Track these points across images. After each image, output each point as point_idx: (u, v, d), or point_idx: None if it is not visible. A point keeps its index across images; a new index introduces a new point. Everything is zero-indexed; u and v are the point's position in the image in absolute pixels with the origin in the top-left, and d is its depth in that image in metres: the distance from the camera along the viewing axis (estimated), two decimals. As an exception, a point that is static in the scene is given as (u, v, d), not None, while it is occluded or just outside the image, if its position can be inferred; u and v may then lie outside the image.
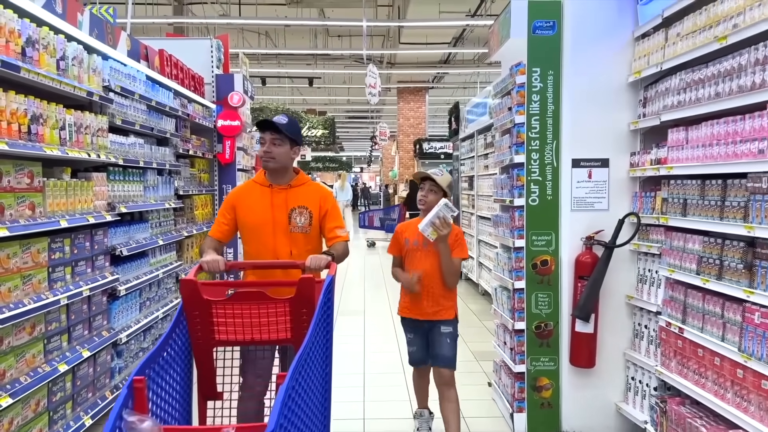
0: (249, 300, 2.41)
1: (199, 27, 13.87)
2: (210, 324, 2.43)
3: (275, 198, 2.97)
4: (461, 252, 3.37)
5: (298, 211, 2.97)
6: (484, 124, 7.85)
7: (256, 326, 2.44)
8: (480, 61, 17.30)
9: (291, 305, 2.40)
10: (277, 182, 3.01)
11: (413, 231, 3.37)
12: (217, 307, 2.41)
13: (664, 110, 3.24)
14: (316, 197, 3.03)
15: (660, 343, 3.31)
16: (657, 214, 3.33)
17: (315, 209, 3.00)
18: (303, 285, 2.35)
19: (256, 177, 3.08)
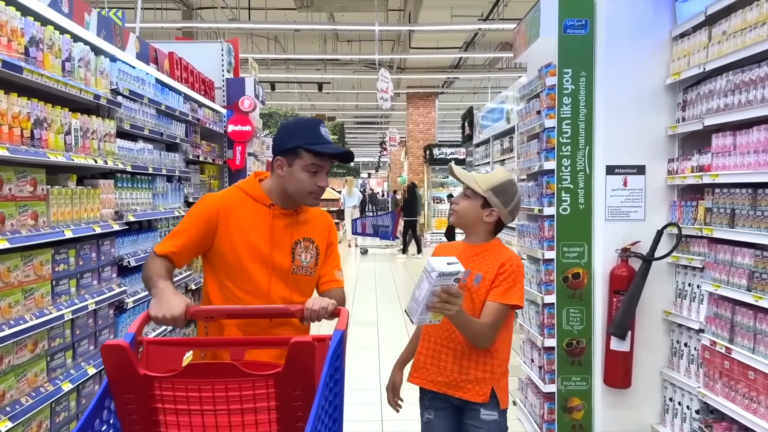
0: (212, 375, 1.51)
1: (208, 32, 13.76)
2: (151, 414, 1.55)
3: (277, 225, 2.12)
4: (512, 296, 2.13)
5: (303, 245, 2.16)
6: (499, 130, 7.66)
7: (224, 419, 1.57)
8: (491, 65, 17.12)
9: (278, 384, 1.52)
10: (282, 203, 2.14)
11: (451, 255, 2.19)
12: (163, 389, 1.53)
13: (708, 114, 3.03)
14: (325, 228, 2.25)
15: (702, 363, 3.09)
16: (699, 225, 3.11)
17: (323, 244, 2.22)
18: (296, 352, 1.45)
19: (246, 187, 2.18)
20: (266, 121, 17.11)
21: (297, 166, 2.08)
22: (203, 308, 1.87)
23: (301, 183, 2.09)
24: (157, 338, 1.93)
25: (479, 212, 2.22)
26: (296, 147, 2.07)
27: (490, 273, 2.15)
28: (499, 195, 2.21)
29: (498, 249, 2.24)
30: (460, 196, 2.28)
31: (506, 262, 2.16)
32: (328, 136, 2.12)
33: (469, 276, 2.16)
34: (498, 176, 2.24)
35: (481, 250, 2.24)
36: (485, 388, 2.17)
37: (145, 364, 1.63)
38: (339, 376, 1.66)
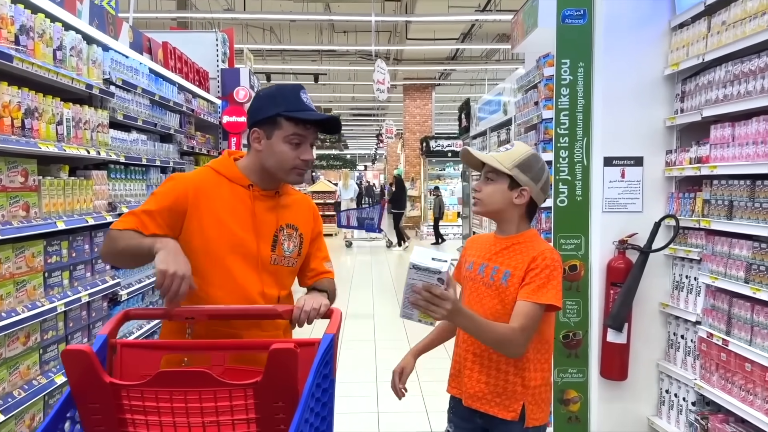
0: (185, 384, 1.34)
1: (202, 22, 13.65)
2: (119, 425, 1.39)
3: (258, 208, 1.86)
4: (545, 293, 1.83)
5: (286, 232, 1.90)
6: (497, 122, 7.61)
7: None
8: (488, 57, 17.05)
9: (258, 394, 1.35)
10: (262, 183, 1.88)
11: (479, 249, 2.04)
12: (131, 398, 1.36)
13: (707, 105, 3.01)
14: (309, 214, 2.01)
15: (699, 355, 3.08)
16: (697, 217, 3.10)
17: (307, 232, 1.97)
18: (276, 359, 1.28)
19: (220, 166, 1.90)
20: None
21: (277, 138, 1.81)
22: (184, 308, 1.67)
23: (282, 156, 1.81)
24: (133, 341, 1.74)
25: (507, 195, 1.91)
26: (275, 115, 1.80)
27: (519, 269, 1.86)
28: (526, 171, 1.90)
29: (532, 241, 1.93)
30: (482, 181, 1.97)
31: (538, 255, 1.85)
32: (310, 103, 1.85)
33: (497, 273, 1.91)
34: (521, 151, 1.94)
35: (513, 242, 1.93)
36: (515, 403, 1.87)
37: (120, 370, 1.52)
38: (328, 384, 1.50)
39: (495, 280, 1.91)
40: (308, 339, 1.50)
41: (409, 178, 18.85)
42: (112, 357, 1.51)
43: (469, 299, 1.99)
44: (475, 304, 1.95)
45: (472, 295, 1.97)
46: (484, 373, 1.91)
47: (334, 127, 1.90)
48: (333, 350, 1.49)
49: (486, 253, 1.99)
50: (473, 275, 2.00)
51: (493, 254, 1.95)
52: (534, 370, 1.89)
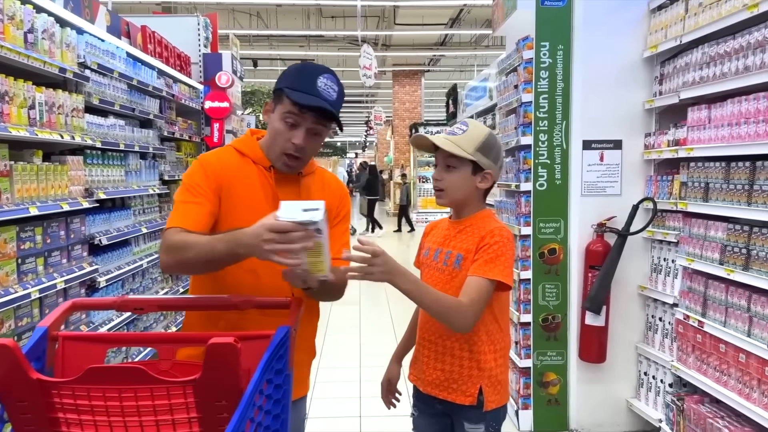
0: (118, 381, 1.23)
1: (188, 7, 13.49)
2: (51, 425, 1.30)
3: (281, 190, 1.72)
4: (492, 269, 1.76)
5: None
6: (482, 107, 7.59)
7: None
8: (477, 43, 16.98)
9: (198, 392, 1.24)
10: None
11: (435, 234, 1.99)
12: (62, 396, 1.27)
13: (684, 87, 3.00)
14: (336, 194, 1.85)
15: (676, 337, 3.10)
16: (674, 200, 3.10)
17: (331, 211, 1.77)
18: (214, 355, 1.19)
19: (243, 146, 1.79)
20: (248, 99, 16.89)
21: (277, 112, 1.70)
22: (133, 298, 1.61)
23: (275, 134, 1.69)
24: (75, 333, 1.61)
25: (471, 181, 1.82)
26: (281, 88, 1.69)
27: (471, 251, 1.80)
28: (487, 153, 1.81)
29: (484, 221, 1.85)
30: (441, 169, 1.84)
31: (487, 234, 1.78)
32: (326, 91, 1.67)
33: (450, 258, 1.84)
34: (479, 132, 1.83)
35: (466, 225, 1.86)
36: (472, 387, 1.83)
37: (62, 365, 1.44)
38: (282, 380, 1.37)
39: (448, 264, 1.85)
40: (262, 332, 1.40)
41: (399, 165, 18.82)
42: (53, 351, 1.43)
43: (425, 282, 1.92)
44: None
45: (427, 282, 1.88)
46: (439, 360, 1.87)
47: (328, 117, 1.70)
48: (288, 343, 1.38)
49: (440, 238, 1.93)
50: (429, 261, 1.94)
51: (447, 239, 1.89)
52: (488, 352, 1.84)
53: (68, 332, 1.49)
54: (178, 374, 1.41)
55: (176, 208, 1.67)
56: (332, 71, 1.71)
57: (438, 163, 1.86)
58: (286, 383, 1.38)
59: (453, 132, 1.84)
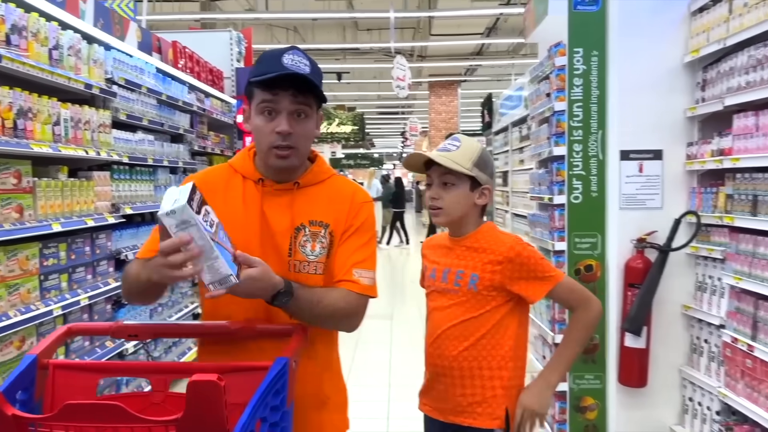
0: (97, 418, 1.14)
1: (227, 23, 13.70)
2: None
3: (269, 205, 1.56)
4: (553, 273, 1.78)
5: (309, 231, 1.56)
6: (518, 116, 7.43)
7: None
8: (515, 52, 16.75)
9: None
10: (276, 176, 1.59)
11: (437, 253, 1.89)
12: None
13: (729, 93, 2.81)
14: (347, 203, 1.61)
15: (723, 360, 2.89)
16: (720, 213, 2.90)
17: (339, 225, 1.59)
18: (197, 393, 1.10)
19: (236, 160, 1.65)
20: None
21: (253, 111, 1.54)
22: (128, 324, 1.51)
23: (258, 133, 1.52)
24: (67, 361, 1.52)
25: (470, 197, 1.79)
26: (248, 84, 1.54)
27: (489, 272, 1.73)
28: (484, 168, 1.80)
29: (492, 235, 1.79)
30: (438, 187, 1.78)
31: (513, 256, 1.72)
32: (296, 64, 1.49)
33: (463, 278, 1.75)
34: (473, 147, 1.80)
35: (472, 242, 1.80)
36: (498, 409, 1.74)
37: (51, 394, 1.37)
38: (279, 417, 1.26)
39: (461, 285, 1.78)
40: (259, 363, 1.30)
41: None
42: (44, 379, 1.36)
43: (434, 309, 1.86)
44: (441, 313, 1.82)
45: (437, 304, 1.84)
46: (458, 385, 1.77)
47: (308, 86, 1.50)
48: (287, 376, 1.27)
49: (445, 257, 1.84)
50: (437, 284, 1.86)
51: (453, 257, 1.82)
52: (512, 369, 1.78)
53: (60, 360, 1.41)
54: (171, 407, 1.34)
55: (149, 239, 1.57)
56: (298, 48, 1.54)
57: (433, 181, 1.82)
58: (284, 421, 1.27)
59: (446, 148, 1.79)
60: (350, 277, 1.54)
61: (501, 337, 1.78)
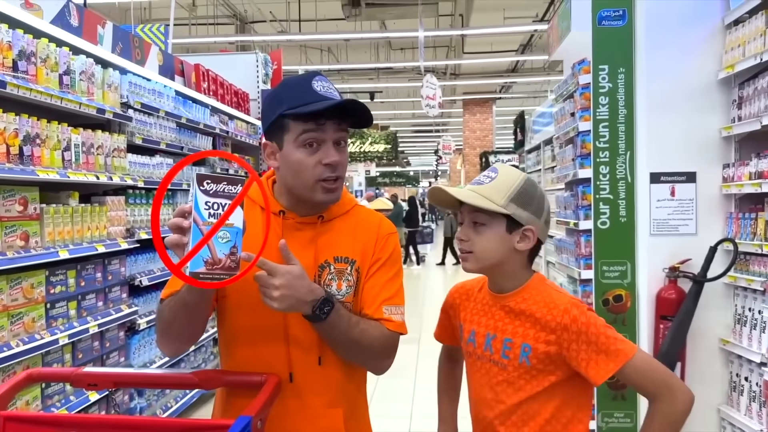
0: None
1: (262, 45, 13.87)
2: None
3: (291, 240, 1.39)
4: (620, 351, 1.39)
5: (335, 269, 1.45)
6: (550, 134, 7.23)
7: None
8: (550, 68, 16.50)
9: None
10: (297, 208, 1.47)
11: (476, 310, 1.57)
12: None
13: (767, 111, 2.60)
14: (373, 236, 1.51)
15: (766, 401, 2.64)
16: (759, 241, 2.67)
17: (366, 260, 1.48)
18: None
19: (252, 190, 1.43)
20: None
21: (288, 145, 1.40)
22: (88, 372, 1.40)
23: (300, 167, 1.39)
24: (21, 413, 1.40)
25: (507, 241, 1.46)
26: (279, 117, 1.40)
27: (543, 342, 1.42)
28: (525, 205, 1.45)
29: (541, 294, 1.47)
30: (467, 227, 1.49)
31: (569, 323, 1.40)
32: (328, 91, 1.41)
33: (512, 349, 1.45)
34: (512, 178, 1.47)
35: (519, 300, 1.48)
36: None
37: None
38: None
39: (511, 358, 1.45)
40: (218, 421, 1.17)
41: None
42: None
43: (477, 382, 1.52)
44: (485, 389, 1.49)
45: (480, 377, 1.51)
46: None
47: (358, 113, 1.43)
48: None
49: (486, 317, 1.52)
50: (479, 351, 1.51)
51: (498, 320, 1.50)
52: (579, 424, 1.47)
53: (12, 412, 1.30)
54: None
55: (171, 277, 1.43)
56: (321, 73, 1.46)
57: (463, 220, 1.50)
58: None
59: (479, 181, 1.49)
60: (381, 315, 1.43)
61: (569, 421, 1.45)
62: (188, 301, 1.29)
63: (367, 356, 1.44)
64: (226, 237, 1.21)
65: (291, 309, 1.30)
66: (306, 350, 1.41)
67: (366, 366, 1.49)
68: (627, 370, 1.37)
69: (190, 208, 1.21)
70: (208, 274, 1.19)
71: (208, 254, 1.19)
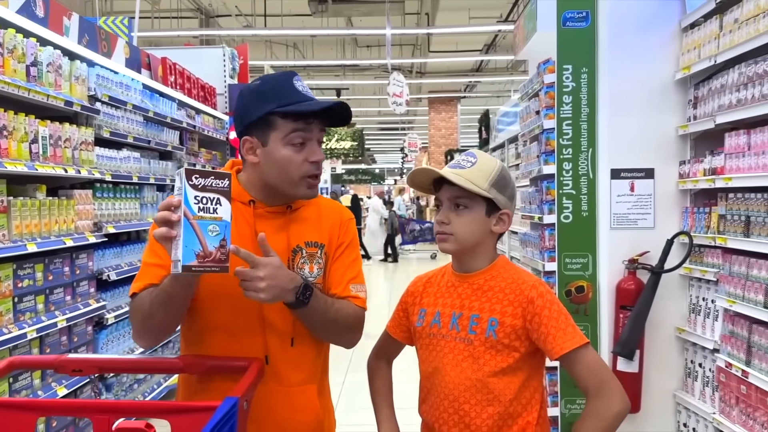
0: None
1: (227, 40, 13.73)
2: None
3: (262, 227, 1.49)
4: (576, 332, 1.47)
5: (306, 253, 1.54)
6: (514, 133, 7.38)
7: None
8: (513, 68, 16.77)
9: None
10: (267, 199, 1.54)
11: (439, 293, 1.60)
12: None
13: (720, 111, 2.74)
14: (336, 222, 1.62)
15: (718, 386, 2.79)
16: (713, 234, 2.82)
17: (332, 243, 1.60)
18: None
19: None
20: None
21: (275, 141, 1.46)
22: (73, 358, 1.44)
23: (286, 163, 1.46)
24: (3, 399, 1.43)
25: (485, 224, 1.52)
26: (267, 114, 1.45)
27: (510, 316, 1.48)
28: (503, 190, 1.52)
29: (510, 273, 1.54)
30: (448, 209, 1.52)
31: (535, 296, 1.47)
32: (308, 91, 1.50)
33: (479, 323, 1.49)
34: (491, 165, 1.52)
35: (486, 278, 1.53)
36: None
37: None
38: None
39: (478, 333, 1.48)
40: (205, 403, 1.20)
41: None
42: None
43: (440, 362, 1.53)
44: (449, 367, 1.51)
45: (443, 357, 1.53)
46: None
47: (342, 115, 1.52)
48: (236, 419, 1.16)
49: (453, 298, 1.55)
50: (444, 331, 1.54)
51: (464, 298, 1.54)
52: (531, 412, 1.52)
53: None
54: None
55: (140, 271, 1.51)
56: (294, 71, 1.54)
57: (443, 202, 1.55)
58: None
59: (459, 165, 1.52)
60: (349, 293, 1.55)
61: (528, 402, 1.50)
62: (171, 293, 1.34)
63: (341, 332, 1.54)
64: (215, 230, 1.26)
65: (276, 299, 1.36)
66: (280, 334, 1.49)
67: (339, 342, 1.59)
68: (578, 356, 1.42)
69: (178, 202, 1.25)
70: (200, 267, 1.24)
71: (199, 247, 1.24)
